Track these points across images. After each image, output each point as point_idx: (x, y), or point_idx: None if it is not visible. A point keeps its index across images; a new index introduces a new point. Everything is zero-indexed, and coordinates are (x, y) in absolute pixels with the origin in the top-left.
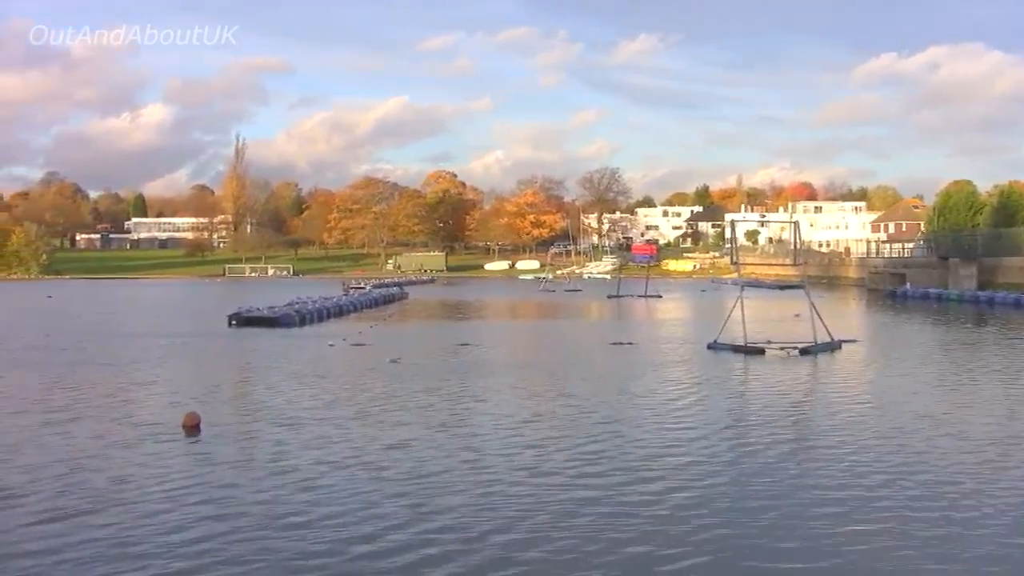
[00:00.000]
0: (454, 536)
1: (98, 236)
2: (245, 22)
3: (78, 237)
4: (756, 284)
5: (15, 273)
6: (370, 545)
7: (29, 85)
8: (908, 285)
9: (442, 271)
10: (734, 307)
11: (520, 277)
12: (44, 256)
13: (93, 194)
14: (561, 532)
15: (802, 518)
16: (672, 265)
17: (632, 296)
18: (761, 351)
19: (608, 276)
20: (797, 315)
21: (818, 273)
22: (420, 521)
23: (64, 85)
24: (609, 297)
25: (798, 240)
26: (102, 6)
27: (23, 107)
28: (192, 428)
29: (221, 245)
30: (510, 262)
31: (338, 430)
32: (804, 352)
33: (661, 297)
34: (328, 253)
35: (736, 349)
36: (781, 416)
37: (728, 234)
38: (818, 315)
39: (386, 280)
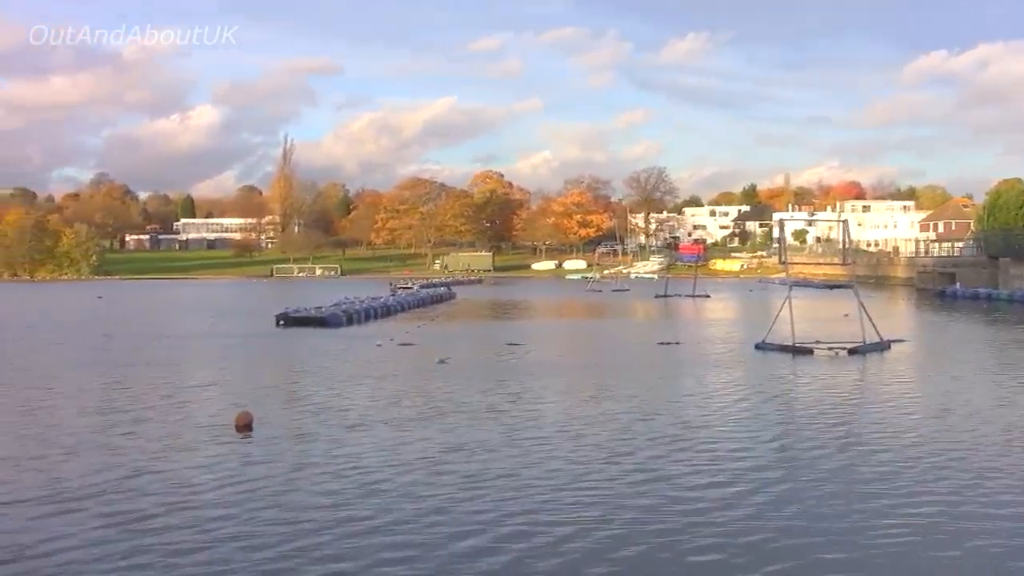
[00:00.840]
0: (523, 543)
1: (147, 237)
2: (293, 23)
3: (127, 238)
4: (804, 284)
5: (66, 273)
6: (436, 551)
7: (81, 88)
8: (958, 285)
9: (489, 271)
10: (782, 307)
11: (567, 277)
12: (94, 257)
13: (142, 195)
14: (629, 538)
15: (861, 525)
16: (719, 265)
17: (679, 296)
18: (810, 351)
19: (655, 276)
20: (846, 315)
21: (866, 273)
22: (490, 526)
23: (115, 88)
24: (656, 297)
25: (847, 239)
26: (151, 8)
27: (75, 109)
28: (245, 428)
29: (269, 245)
30: (557, 262)
31: (390, 430)
32: (853, 352)
33: (709, 297)
34: (375, 253)
35: (784, 349)
36: (833, 418)
37: (776, 233)
38: (867, 315)
39: (433, 280)
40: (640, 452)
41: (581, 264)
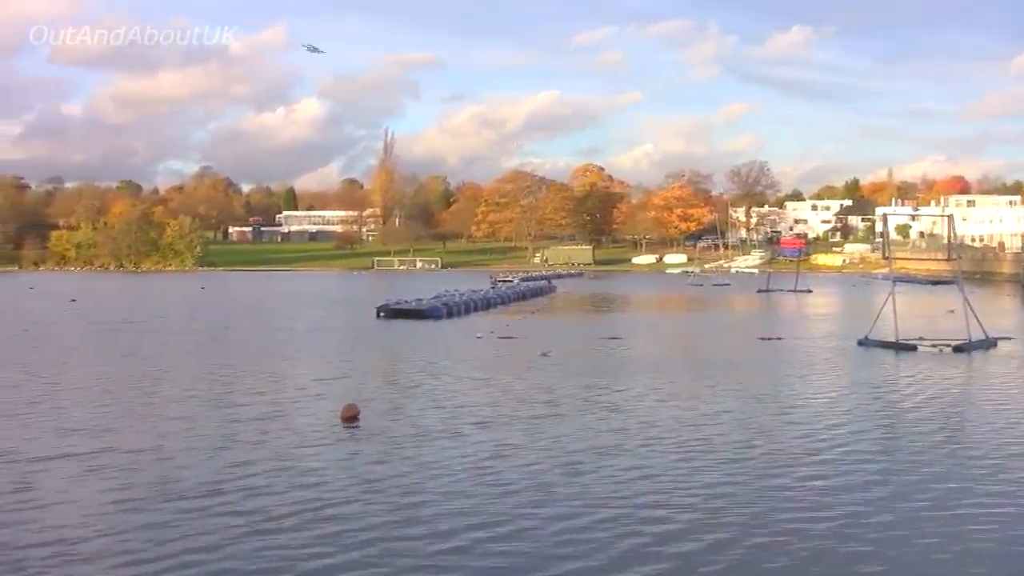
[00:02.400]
0: (656, 536)
1: (250, 229)
2: (398, 17)
3: (231, 230)
4: (907, 279)
5: (170, 264)
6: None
7: (188, 82)
8: None
9: (589, 264)
10: (885, 302)
11: (667, 271)
12: (198, 248)
13: (245, 188)
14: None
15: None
16: (821, 259)
17: (781, 290)
18: (913, 348)
19: (756, 270)
20: (951, 311)
21: (971, 268)
22: (617, 521)
23: (221, 82)
24: (758, 292)
25: (952, 234)
26: (256, 4)
27: (182, 104)
28: (351, 419)
29: (370, 238)
30: (657, 256)
31: (500, 425)
32: (958, 350)
33: (811, 292)
34: (476, 246)
35: (887, 346)
36: (938, 417)
37: (879, 228)
38: (972, 311)
39: (533, 273)
40: (744, 449)
41: (681, 258)
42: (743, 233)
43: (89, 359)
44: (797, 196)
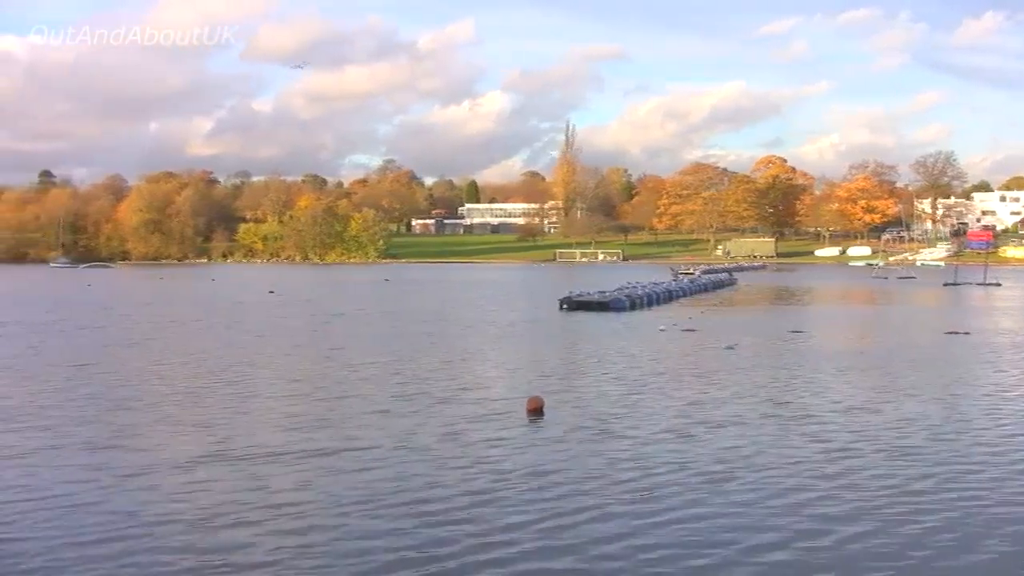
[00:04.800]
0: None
1: (432, 221)
2: (581, 10)
3: (414, 222)
4: None
5: (354, 256)
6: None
7: (377, 77)
8: None
9: (772, 257)
10: None
11: (850, 264)
12: (381, 240)
13: (428, 181)
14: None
15: None
16: (1010, 252)
17: (970, 283)
18: None
19: (942, 263)
20: None
21: None
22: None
23: (409, 76)
24: (945, 285)
25: None
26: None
27: (371, 98)
28: (536, 412)
29: (552, 230)
30: (841, 248)
31: (684, 420)
32: None
33: (1000, 285)
34: (657, 238)
35: None
36: None
37: None
38: None
39: (715, 266)
40: (945, 451)
41: (865, 251)
42: (928, 225)
43: (315, 350)
44: (985, 187)
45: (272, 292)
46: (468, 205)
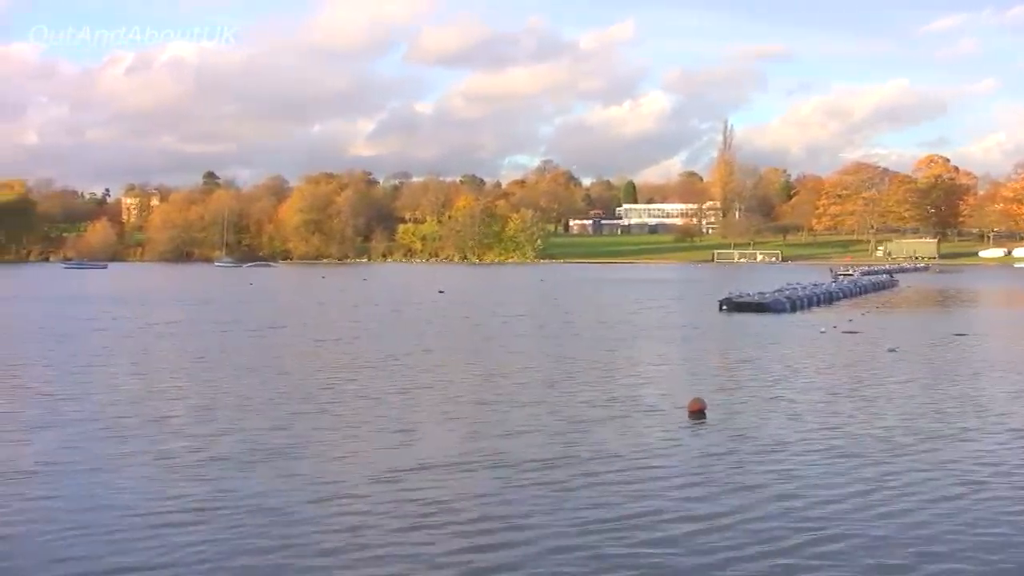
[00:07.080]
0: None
1: (590, 222)
2: (742, 9)
3: (571, 223)
4: None
5: (512, 256)
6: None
7: (538, 78)
8: None
9: (934, 258)
10: None
11: (1016, 265)
12: (539, 240)
13: (586, 181)
14: None
15: None
16: None
17: None
18: None
19: None
20: None
21: None
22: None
23: (571, 77)
24: None
25: None
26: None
27: (532, 99)
28: (697, 413)
29: (709, 231)
30: (1006, 250)
31: (846, 427)
32: None
33: None
34: (816, 239)
35: None
36: None
37: None
38: None
39: (875, 267)
40: None
41: None
42: None
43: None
44: None
45: (442, 292)
46: (626, 205)
